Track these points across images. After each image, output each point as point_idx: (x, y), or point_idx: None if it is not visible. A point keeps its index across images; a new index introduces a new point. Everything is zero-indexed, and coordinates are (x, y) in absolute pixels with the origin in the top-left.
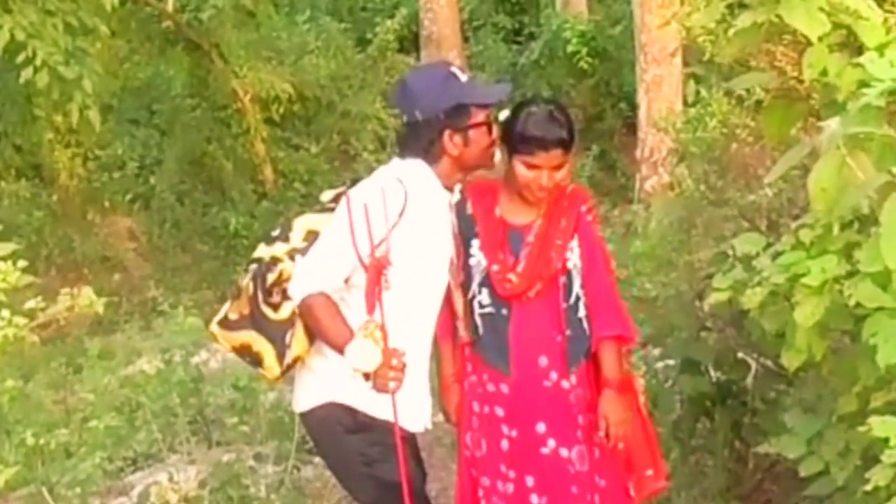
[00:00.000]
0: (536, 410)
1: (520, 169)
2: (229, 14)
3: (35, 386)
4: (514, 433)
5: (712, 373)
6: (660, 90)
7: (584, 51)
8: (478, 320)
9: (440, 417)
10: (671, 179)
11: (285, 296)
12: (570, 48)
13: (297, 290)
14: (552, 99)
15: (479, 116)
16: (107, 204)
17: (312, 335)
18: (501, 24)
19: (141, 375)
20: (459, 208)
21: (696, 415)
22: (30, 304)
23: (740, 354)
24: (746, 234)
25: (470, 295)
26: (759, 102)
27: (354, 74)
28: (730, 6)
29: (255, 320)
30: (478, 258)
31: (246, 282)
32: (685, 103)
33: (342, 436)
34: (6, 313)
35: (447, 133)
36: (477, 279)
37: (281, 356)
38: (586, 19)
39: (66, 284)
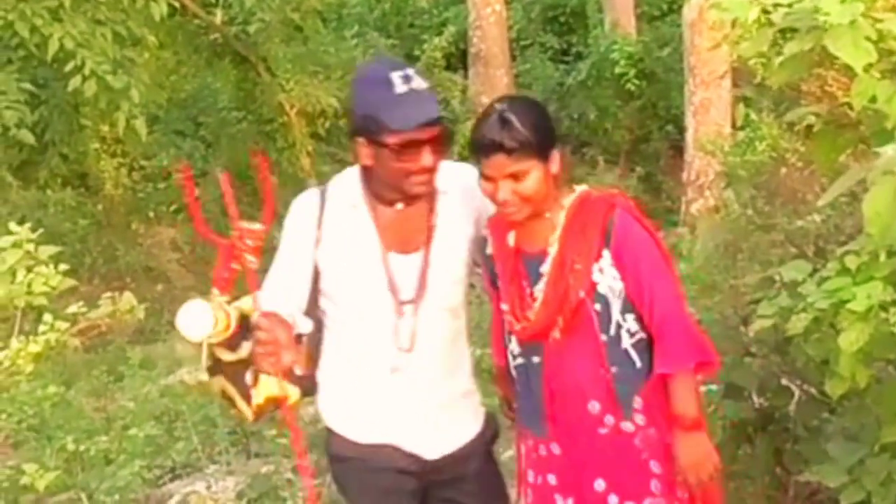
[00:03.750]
0: (591, 466)
1: (482, 183)
2: (277, 28)
3: (76, 393)
4: (570, 502)
5: (755, 399)
6: (708, 113)
7: (632, 72)
8: (514, 374)
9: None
10: (717, 203)
11: (244, 333)
12: (617, 69)
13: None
14: (522, 97)
15: (390, 138)
16: (151, 214)
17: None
18: (549, 43)
19: (181, 385)
20: (483, 249)
21: (738, 441)
22: (71, 308)
23: (784, 381)
24: (793, 260)
25: (505, 345)
26: (809, 128)
27: None
28: (782, 31)
29: (216, 364)
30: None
31: None
32: (734, 126)
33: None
34: (49, 318)
35: (359, 140)
36: (507, 326)
37: (247, 398)
38: (635, 41)
39: (109, 293)
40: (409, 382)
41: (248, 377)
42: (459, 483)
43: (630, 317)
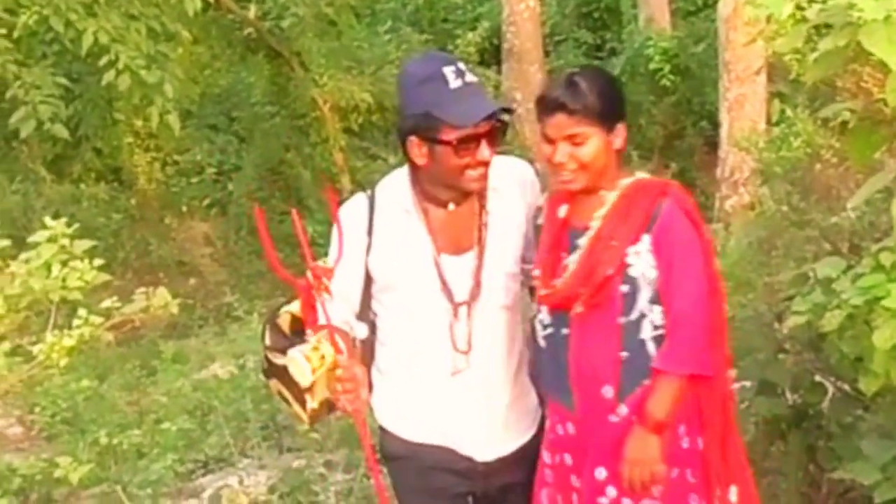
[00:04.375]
0: (598, 452)
1: (542, 145)
2: (311, 23)
3: (110, 387)
4: (579, 483)
5: (789, 395)
6: (742, 109)
7: (667, 68)
8: (542, 344)
9: None
10: (752, 199)
11: (295, 337)
12: (652, 65)
13: None
14: (596, 67)
15: (450, 135)
16: (184, 209)
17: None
18: (583, 39)
19: (214, 380)
20: (535, 221)
21: (771, 437)
22: (105, 303)
23: (817, 378)
24: (827, 257)
25: (532, 314)
26: (844, 124)
27: None
28: (817, 27)
29: (270, 367)
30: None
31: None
32: (768, 123)
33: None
34: (83, 312)
35: (412, 139)
36: (535, 294)
37: (302, 402)
38: (669, 36)
39: (143, 287)
40: (469, 384)
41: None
42: (507, 495)
43: (657, 309)
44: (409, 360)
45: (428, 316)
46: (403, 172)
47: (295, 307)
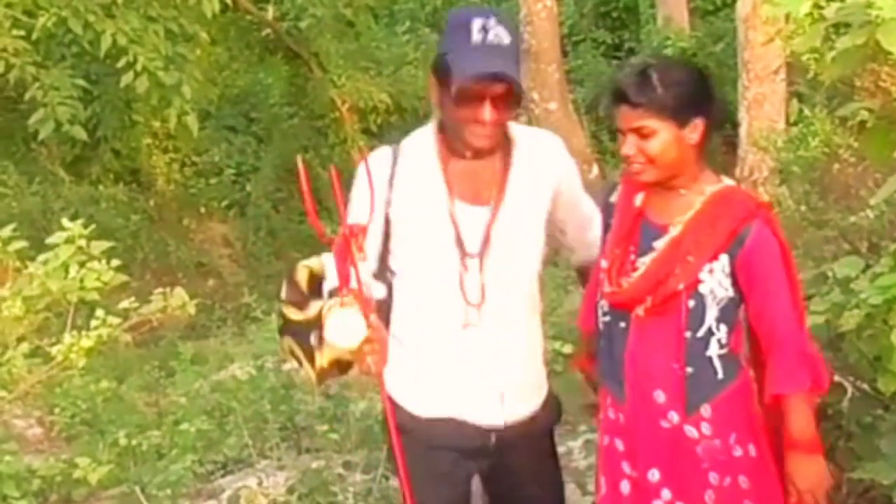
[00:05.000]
0: (651, 453)
1: (619, 138)
2: (329, 24)
3: (128, 388)
4: (635, 473)
5: None
6: (762, 108)
7: None
8: (602, 328)
9: None
10: (770, 199)
11: (312, 294)
12: None
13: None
14: (677, 59)
15: (453, 85)
16: (203, 210)
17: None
18: (601, 39)
19: (233, 381)
20: (607, 195)
21: None
22: (123, 304)
23: (837, 377)
24: (846, 257)
25: (598, 297)
26: (862, 123)
27: None
28: (835, 25)
29: (285, 324)
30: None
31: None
32: (788, 122)
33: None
34: (101, 313)
35: (432, 78)
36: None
37: (311, 359)
38: (688, 36)
39: (161, 288)
40: (480, 338)
41: (313, 338)
42: (517, 476)
43: (724, 328)
44: (421, 315)
45: (440, 266)
46: (433, 122)
47: (314, 262)
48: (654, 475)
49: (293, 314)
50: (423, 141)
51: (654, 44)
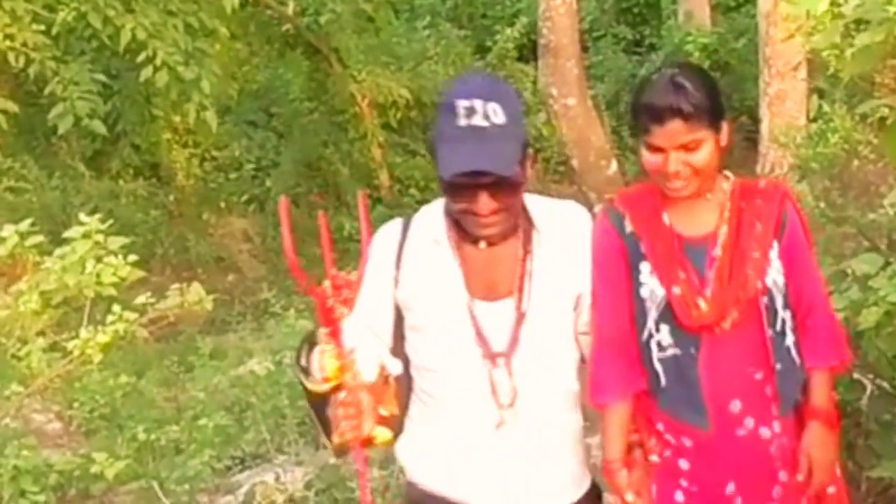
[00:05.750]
0: (723, 468)
1: (644, 155)
2: (349, 19)
3: (147, 383)
4: (694, 488)
5: None
6: (783, 105)
7: (707, 64)
8: (657, 367)
9: None
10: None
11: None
12: (691, 61)
13: None
14: (688, 63)
15: (442, 175)
16: (222, 205)
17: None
18: (622, 34)
19: (251, 376)
20: (618, 227)
21: None
22: (140, 299)
23: (856, 375)
24: (865, 254)
25: (645, 335)
26: (882, 120)
27: None
28: (855, 22)
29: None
30: (650, 286)
31: None
32: (809, 119)
33: None
34: (117, 308)
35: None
36: (653, 314)
37: (329, 433)
38: (709, 32)
39: (180, 283)
40: (513, 437)
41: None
42: None
43: (789, 314)
44: (448, 413)
45: (463, 367)
46: (442, 200)
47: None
48: (731, 487)
49: (310, 384)
50: (433, 222)
51: (675, 40)
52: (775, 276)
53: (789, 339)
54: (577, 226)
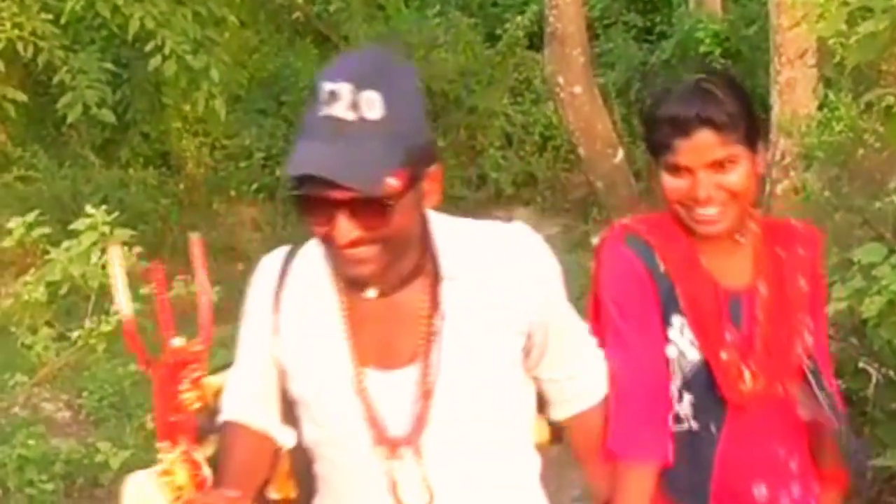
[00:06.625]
0: None
1: (666, 180)
2: (359, 7)
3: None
4: None
5: None
6: (794, 92)
7: (718, 51)
8: (677, 436)
9: None
10: (796, 184)
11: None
12: (702, 48)
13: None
14: (717, 68)
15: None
16: (232, 193)
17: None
18: (632, 22)
19: None
20: (646, 260)
21: None
22: (144, 289)
23: (861, 364)
24: (869, 243)
25: (675, 399)
26: (888, 108)
27: (482, 70)
28: (861, 9)
29: None
30: (680, 346)
31: None
32: (820, 107)
33: None
34: None
35: None
36: (677, 380)
37: None
38: (720, 19)
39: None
40: None
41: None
42: None
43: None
44: None
45: (352, 454)
46: None
47: (216, 380)
48: None
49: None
50: (315, 259)
51: (685, 27)
52: (808, 335)
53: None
54: (516, 256)
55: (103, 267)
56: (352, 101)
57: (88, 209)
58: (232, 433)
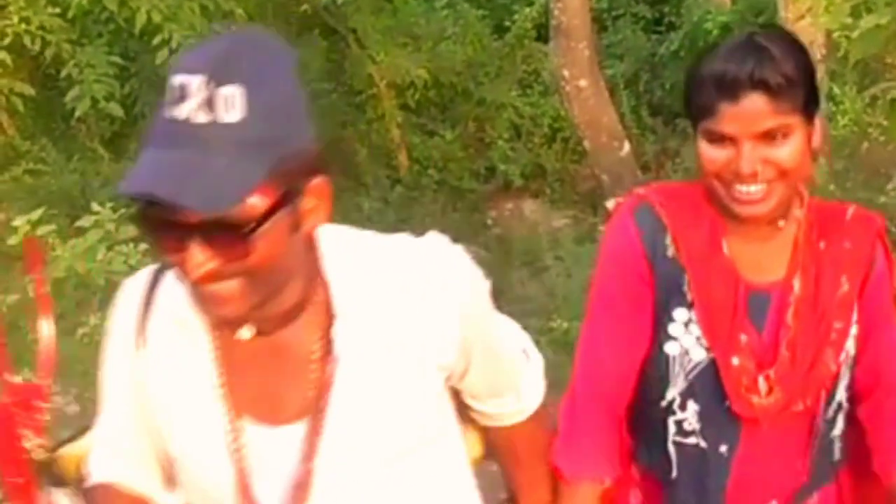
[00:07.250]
0: None
1: (704, 150)
2: None
3: None
4: None
5: None
6: None
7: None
8: (671, 452)
9: None
10: None
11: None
12: (711, 39)
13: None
14: (776, 25)
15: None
16: None
17: None
18: (641, 13)
19: None
20: (649, 241)
21: None
22: None
23: None
24: None
25: (663, 405)
26: (892, 101)
27: (491, 62)
28: (865, 2)
29: None
30: (684, 344)
31: None
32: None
33: None
34: None
35: None
36: (680, 383)
37: None
38: (729, 10)
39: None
40: None
41: None
42: None
43: (846, 394)
44: None
45: None
46: None
47: (78, 448)
48: None
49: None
50: (179, 289)
51: (694, 18)
52: (849, 347)
53: (838, 429)
54: (427, 280)
55: (109, 263)
56: (205, 99)
57: (94, 206)
58: (105, 499)
